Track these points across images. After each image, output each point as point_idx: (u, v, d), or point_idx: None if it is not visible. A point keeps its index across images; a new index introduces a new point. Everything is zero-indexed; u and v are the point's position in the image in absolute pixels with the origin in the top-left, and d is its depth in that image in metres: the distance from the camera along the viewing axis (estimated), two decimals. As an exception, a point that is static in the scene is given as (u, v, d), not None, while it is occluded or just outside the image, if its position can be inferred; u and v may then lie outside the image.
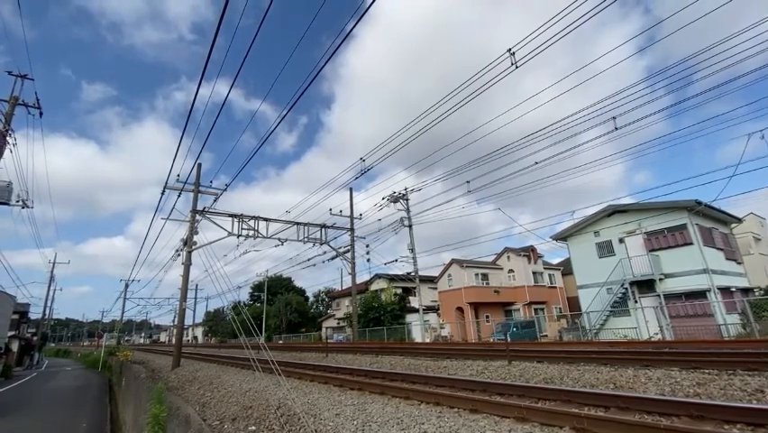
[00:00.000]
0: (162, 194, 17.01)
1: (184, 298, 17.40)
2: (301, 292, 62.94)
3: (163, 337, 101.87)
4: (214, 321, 72.00)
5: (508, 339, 15.84)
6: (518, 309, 33.21)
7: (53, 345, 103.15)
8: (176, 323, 21.67)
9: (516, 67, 9.40)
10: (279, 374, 5.95)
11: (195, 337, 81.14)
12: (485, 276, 34.28)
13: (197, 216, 17.79)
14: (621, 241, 22.97)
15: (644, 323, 20.17)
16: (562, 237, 25.95)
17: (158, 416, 6.88)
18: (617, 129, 12.80)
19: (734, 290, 20.20)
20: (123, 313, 51.56)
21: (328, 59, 6.11)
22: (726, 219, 23.23)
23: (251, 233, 19.50)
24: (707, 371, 7.19)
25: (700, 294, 19.24)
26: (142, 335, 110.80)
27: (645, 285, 21.37)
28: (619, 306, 21.96)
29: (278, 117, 8.15)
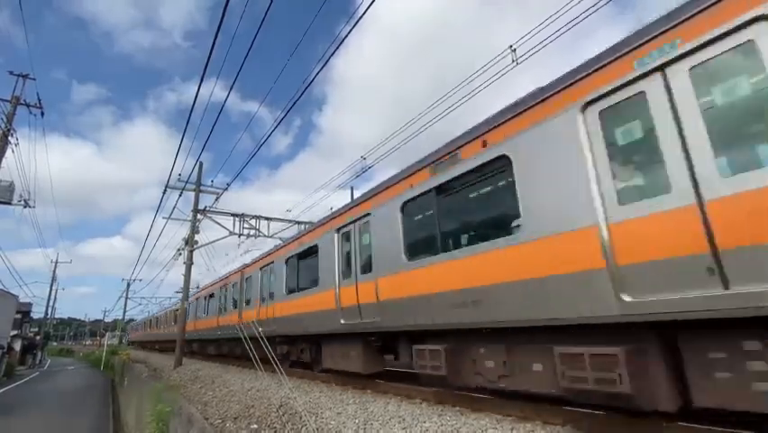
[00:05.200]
0: (164, 193, 17.03)
1: (186, 297, 17.42)
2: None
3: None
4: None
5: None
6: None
7: (55, 344, 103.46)
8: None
9: (517, 64, 9.36)
10: (282, 373, 5.95)
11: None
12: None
13: (199, 216, 17.79)
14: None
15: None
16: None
17: (161, 413, 6.91)
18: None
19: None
20: (125, 313, 51.71)
21: (324, 65, 6.14)
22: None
23: (253, 232, 19.51)
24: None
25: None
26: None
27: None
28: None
29: (275, 121, 8.29)
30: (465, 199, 5.52)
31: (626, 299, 3.54)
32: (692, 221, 3.26)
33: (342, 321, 7.69)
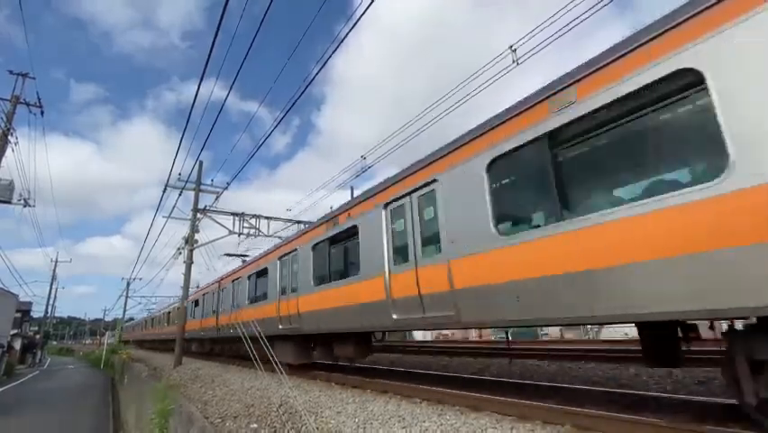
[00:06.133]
0: (164, 192, 17.03)
1: (186, 296, 17.42)
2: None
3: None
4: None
5: (509, 337, 15.85)
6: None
7: (55, 343, 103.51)
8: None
9: (518, 64, 9.36)
10: (282, 373, 5.95)
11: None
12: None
13: (199, 215, 17.79)
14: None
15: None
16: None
17: (164, 411, 6.92)
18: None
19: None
20: (124, 312, 51.74)
21: (322, 66, 6.16)
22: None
23: (253, 231, 19.51)
24: (708, 369, 7.19)
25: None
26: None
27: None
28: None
29: (274, 121, 8.31)
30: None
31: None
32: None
33: None
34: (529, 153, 4.73)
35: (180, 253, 19.46)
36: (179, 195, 17.83)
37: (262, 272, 12.08)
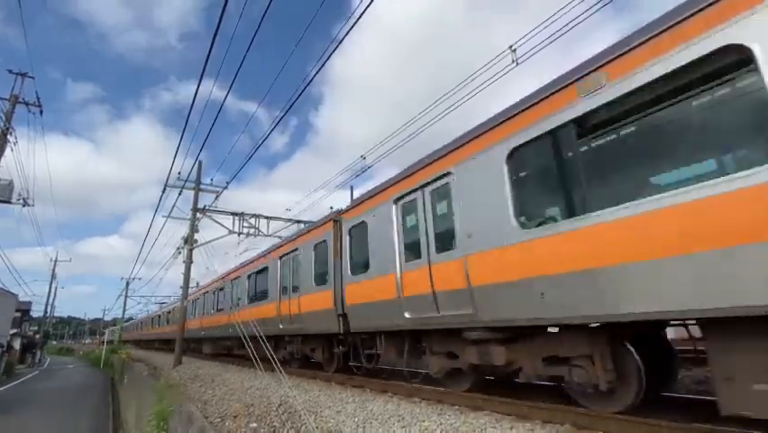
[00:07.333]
0: (163, 192, 17.02)
1: (185, 296, 17.41)
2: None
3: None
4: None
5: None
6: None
7: (55, 343, 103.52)
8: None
9: (517, 64, 9.34)
10: (281, 372, 5.95)
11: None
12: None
13: (198, 214, 17.77)
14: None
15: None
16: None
17: (162, 412, 6.91)
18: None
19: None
20: (124, 311, 51.65)
21: (321, 67, 6.16)
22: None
23: (252, 231, 19.49)
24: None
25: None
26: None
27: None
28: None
29: (272, 123, 8.32)
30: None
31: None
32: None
33: None
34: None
35: (180, 253, 19.46)
36: (179, 194, 17.82)
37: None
